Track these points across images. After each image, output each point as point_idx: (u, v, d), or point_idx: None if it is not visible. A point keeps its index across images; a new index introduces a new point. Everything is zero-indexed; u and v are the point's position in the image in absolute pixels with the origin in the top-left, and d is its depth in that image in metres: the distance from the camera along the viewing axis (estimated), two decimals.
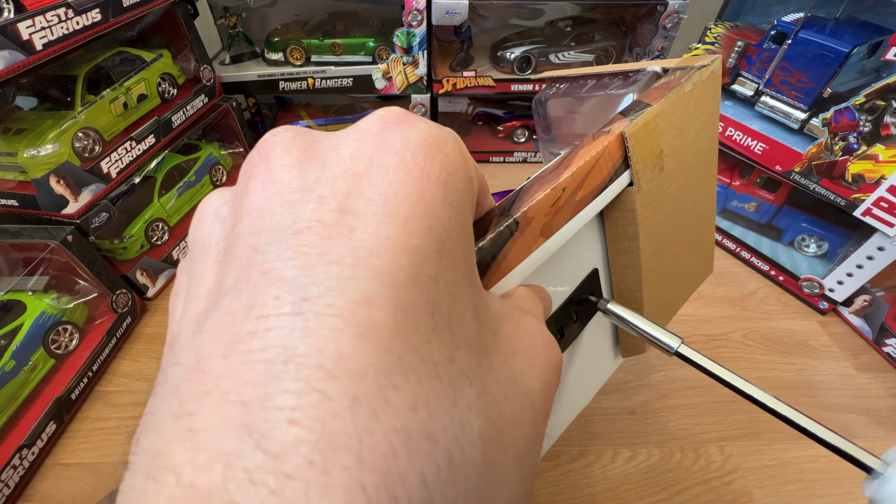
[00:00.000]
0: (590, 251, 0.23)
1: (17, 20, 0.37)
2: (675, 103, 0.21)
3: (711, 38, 0.56)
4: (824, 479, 0.38)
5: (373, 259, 0.09)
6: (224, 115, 0.65)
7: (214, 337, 0.08)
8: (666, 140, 0.21)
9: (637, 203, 0.21)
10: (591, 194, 0.19)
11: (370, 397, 0.07)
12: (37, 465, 0.38)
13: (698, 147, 0.24)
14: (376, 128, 0.11)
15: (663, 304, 0.28)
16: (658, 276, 0.25)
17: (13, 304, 0.41)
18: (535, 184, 0.18)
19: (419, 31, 0.62)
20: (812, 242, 0.54)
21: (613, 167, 0.19)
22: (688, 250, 0.27)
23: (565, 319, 0.23)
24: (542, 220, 0.17)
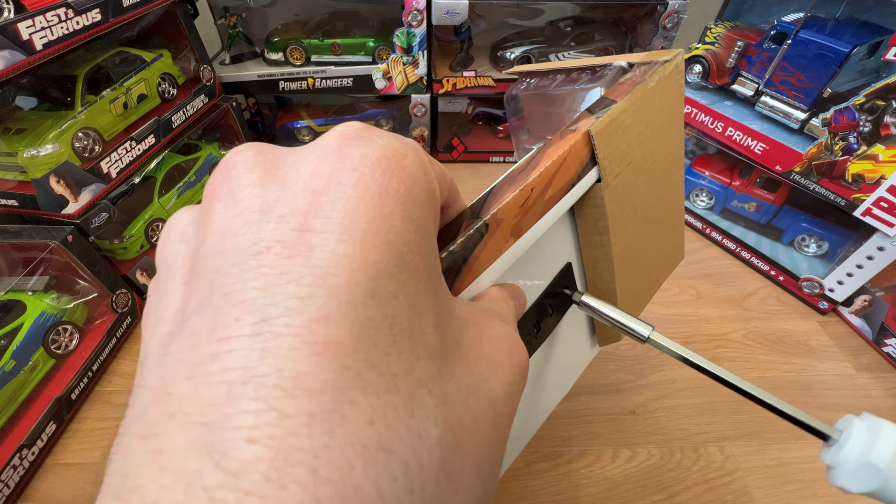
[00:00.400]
0: (563, 246, 0.24)
1: (17, 20, 0.37)
2: (640, 99, 0.22)
3: (711, 38, 0.56)
4: (824, 479, 0.38)
5: (330, 277, 0.09)
6: (224, 115, 0.65)
7: (178, 359, 0.09)
8: (632, 135, 0.22)
9: (606, 198, 0.22)
10: (559, 192, 0.19)
11: (327, 413, 0.08)
12: (37, 465, 0.38)
13: (664, 139, 0.24)
14: (335, 144, 0.11)
15: (637, 294, 0.29)
16: (630, 266, 0.26)
17: (13, 304, 0.41)
18: (504, 184, 0.18)
19: (419, 31, 0.62)
20: (812, 242, 0.54)
21: (581, 165, 0.20)
22: (658, 239, 0.28)
23: (541, 314, 0.23)
24: (511, 220, 0.17)
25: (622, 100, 0.21)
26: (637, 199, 0.24)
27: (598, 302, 0.23)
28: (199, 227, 0.11)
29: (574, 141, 0.19)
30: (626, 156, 0.22)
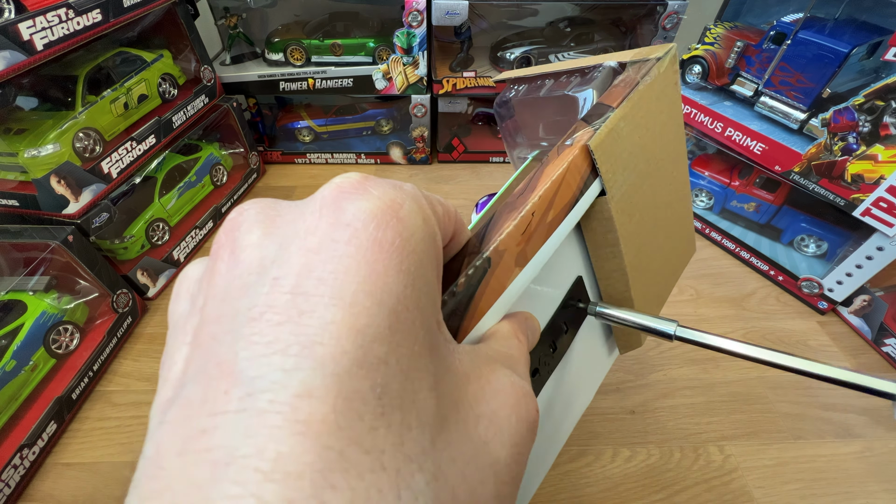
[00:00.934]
0: (572, 260, 0.23)
1: (18, 20, 0.37)
2: (637, 103, 0.21)
3: (711, 38, 0.56)
4: (823, 479, 0.38)
5: (317, 346, 0.08)
6: (224, 115, 0.65)
7: (172, 431, 0.09)
8: (633, 141, 0.21)
9: (612, 210, 0.21)
10: (562, 212, 0.18)
11: (305, 500, 0.07)
12: (37, 465, 0.38)
13: (665, 138, 0.24)
14: (331, 198, 0.11)
15: (653, 297, 0.28)
16: (644, 272, 0.25)
17: (14, 304, 0.41)
18: (503, 211, 0.18)
19: (419, 32, 0.62)
20: (811, 242, 0.54)
21: (582, 180, 0.19)
22: (669, 238, 0.28)
23: (555, 333, 0.23)
24: (515, 249, 0.17)
25: (619, 106, 0.20)
26: (644, 204, 0.23)
27: (616, 309, 0.23)
28: (205, 286, 0.11)
29: (572, 156, 0.18)
30: (629, 163, 0.21)
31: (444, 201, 0.14)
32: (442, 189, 0.71)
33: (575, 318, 0.24)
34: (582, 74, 0.26)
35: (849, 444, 0.40)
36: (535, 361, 0.22)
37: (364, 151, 0.76)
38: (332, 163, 0.76)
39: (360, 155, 0.76)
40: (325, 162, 0.76)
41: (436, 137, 0.76)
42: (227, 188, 0.66)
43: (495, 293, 0.16)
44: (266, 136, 0.75)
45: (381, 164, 0.76)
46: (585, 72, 0.26)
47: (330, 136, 0.77)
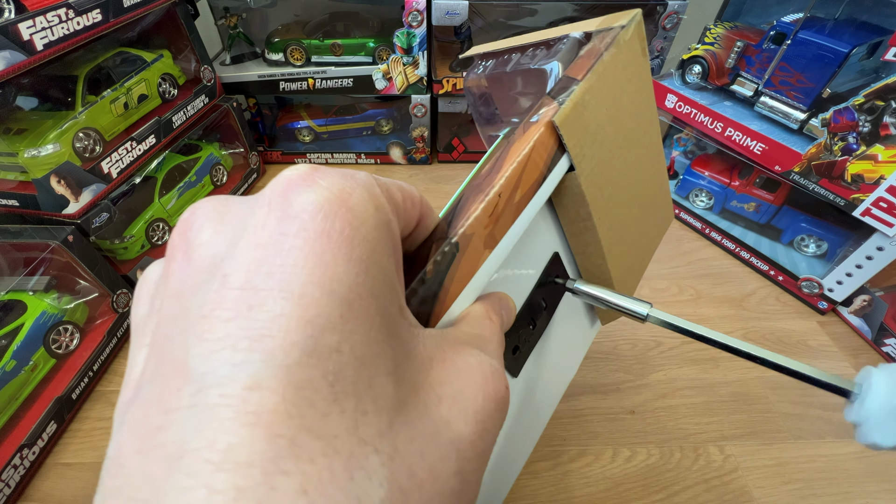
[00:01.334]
0: (547, 236, 0.23)
1: (18, 20, 0.37)
2: (602, 74, 0.20)
3: (711, 38, 0.56)
4: (823, 479, 0.38)
5: (265, 339, 0.08)
6: (224, 115, 0.65)
7: (130, 430, 0.09)
8: (600, 113, 0.20)
9: (582, 185, 0.21)
10: (530, 191, 0.18)
11: (255, 487, 0.07)
12: (38, 465, 0.38)
13: (635, 107, 0.23)
14: (281, 190, 0.11)
15: (631, 268, 0.28)
16: (619, 243, 0.25)
17: (14, 304, 0.41)
18: (470, 193, 0.17)
19: (419, 32, 0.62)
20: (811, 242, 0.55)
21: (549, 157, 0.19)
22: (645, 208, 0.28)
23: (534, 311, 0.23)
24: (483, 232, 0.16)
25: (584, 79, 0.19)
26: (616, 176, 0.23)
27: (593, 287, 0.23)
28: (161, 288, 0.11)
29: (538, 134, 0.18)
30: (597, 136, 0.21)
31: (407, 186, 0.14)
32: (442, 189, 0.71)
33: (553, 294, 0.24)
34: (547, 47, 0.25)
35: (849, 444, 0.40)
36: (515, 339, 0.22)
37: (364, 151, 0.76)
38: (332, 163, 0.76)
39: (360, 155, 0.76)
40: (325, 162, 0.76)
41: (436, 137, 0.76)
42: (227, 188, 0.66)
43: (465, 277, 0.16)
44: (266, 136, 0.75)
45: (381, 164, 0.76)
46: (551, 44, 0.25)
47: (330, 136, 0.77)
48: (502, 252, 0.18)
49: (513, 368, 0.22)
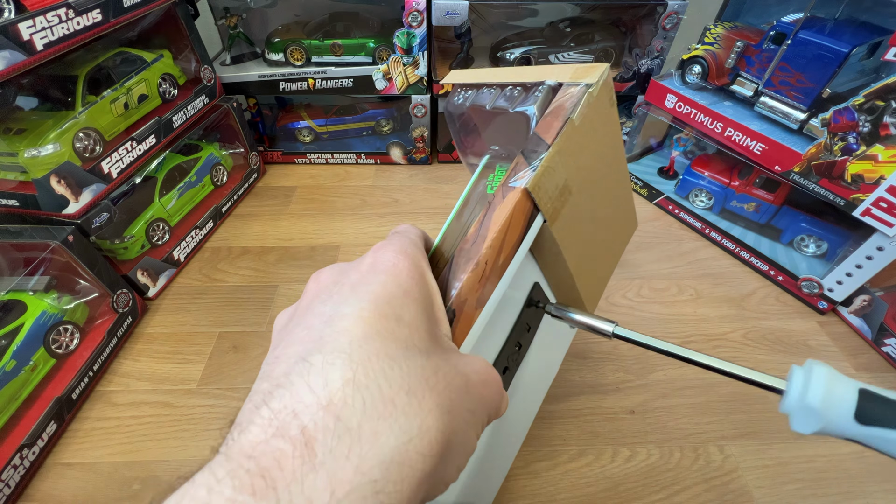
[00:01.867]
0: (528, 270, 0.27)
1: (18, 20, 0.37)
2: (570, 137, 0.23)
3: (711, 38, 0.56)
4: (823, 479, 0.38)
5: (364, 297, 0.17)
6: (225, 115, 0.65)
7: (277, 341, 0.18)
8: (569, 170, 0.23)
9: (554, 232, 0.24)
10: (511, 251, 0.21)
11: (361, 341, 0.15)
12: (37, 465, 0.38)
13: (602, 149, 0.26)
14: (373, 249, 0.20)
15: (598, 278, 0.33)
16: (588, 264, 0.29)
17: (14, 304, 0.41)
18: (461, 260, 0.21)
19: (419, 32, 0.62)
20: (811, 242, 0.55)
21: (526, 218, 0.22)
22: (611, 225, 0.32)
23: (520, 333, 0.27)
24: (474, 296, 0.20)
25: (553, 143, 0.22)
26: (584, 211, 0.26)
27: (566, 310, 0.27)
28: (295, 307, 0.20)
29: (515, 202, 0.21)
30: (567, 189, 0.24)
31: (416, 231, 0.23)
32: (442, 189, 0.71)
33: (535, 317, 0.29)
34: (525, 89, 0.27)
35: (848, 444, 0.40)
36: (504, 361, 0.27)
37: (364, 151, 0.76)
38: (333, 163, 0.76)
39: (361, 155, 0.76)
40: (325, 162, 0.76)
41: (436, 137, 0.76)
42: (227, 188, 0.66)
43: (463, 333, 0.20)
44: (266, 136, 0.75)
45: (381, 165, 0.76)
46: (528, 87, 0.27)
47: (330, 136, 0.77)
48: (491, 307, 0.21)
49: (505, 384, 0.27)
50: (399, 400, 0.14)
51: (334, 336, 0.15)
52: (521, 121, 0.26)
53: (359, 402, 0.13)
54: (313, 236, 0.62)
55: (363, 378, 0.14)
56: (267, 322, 0.50)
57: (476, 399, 0.17)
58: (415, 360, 0.15)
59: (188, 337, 0.49)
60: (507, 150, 0.31)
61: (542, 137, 0.23)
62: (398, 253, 0.19)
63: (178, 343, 0.48)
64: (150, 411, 0.42)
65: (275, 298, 0.53)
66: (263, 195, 0.69)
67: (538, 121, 0.24)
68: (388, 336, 0.15)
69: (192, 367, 0.46)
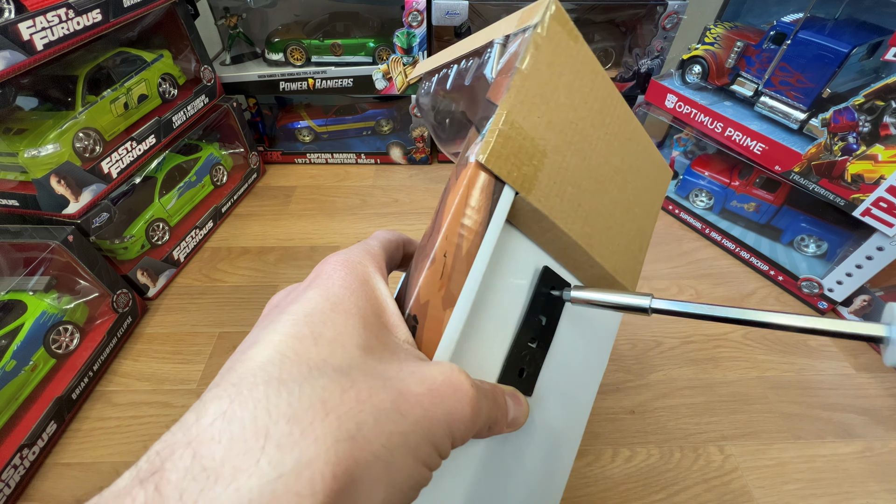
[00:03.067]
0: (525, 255, 0.22)
1: (18, 20, 0.37)
2: (523, 89, 0.19)
3: (711, 38, 0.56)
4: (823, 479, 0.38)
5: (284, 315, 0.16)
6: (224, 115, 0.65)
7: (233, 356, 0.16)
8: (532, 125, 0.19)
9: (535, 203, 0.20)
10: (477, 238, 0.18)
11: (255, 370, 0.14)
12: (37, 465, 0.38)
13: (580, 97, 0.22)
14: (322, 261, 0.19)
15: (630, 246, 0.27)
16: (606, 230, 0.24)
17: (14, 304, 0.41)
18: (418, 258, 0.18)
19: (419, 32, 0.62)
20: (811, 242, 0.55)
21: (487, 195, 0.18)
22: (629, 178, 0.26)
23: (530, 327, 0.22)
24: (438, 295, 0.17)
25: (501, 101, 0.18)
26: (575, 169, 0.22)
27: (587, 292, 0.22)
28: None
29: (467, 178, 0.18)
30: (537, 146, 0.20)
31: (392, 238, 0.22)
32: (441, 189, 0.71)
33: (552, 307, 0.24)
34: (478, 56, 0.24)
35: (849, 444, 0.40)
36: (518, 362, 0.22)
37: (364, 151, 0.76)
38: (332, 163, 0.76)
39: (360, 155, 0.76)
40: (325, 162, 0.76)
41: None
42: (227, 188, 0.66)
43: (434, 340, 0.17)
44: (266, 136, 0.75)
45: (381, 164, 0.76)
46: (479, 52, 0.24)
47: (330, 136, 0.77)
48: (465, 304, 0.18)
49: (525, 389, 0.22)
50: (274, 430, 0.12)
51: (237, 366, 0.14)
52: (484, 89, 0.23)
53: (226, 436, 0.12)
54: (313, 236, 0.62)
55: (238, 409, 0.12)
56: None
57: (416, 416, 0.15)
58: (316, 381, 0.13)
59: (188, 337, 0.49)
60: None
61: (492, 100, 0.19)
62: (337, 264, 0.18)
63: (177, 343, 0.48)
64: (150, 411, 0.42)
65: None
66: (263, 195, 0.69)
67: None
68: (294, 359, 0.14)
69: (192, 368, 0.46)
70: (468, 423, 0.16)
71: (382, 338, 0.17)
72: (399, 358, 0.16)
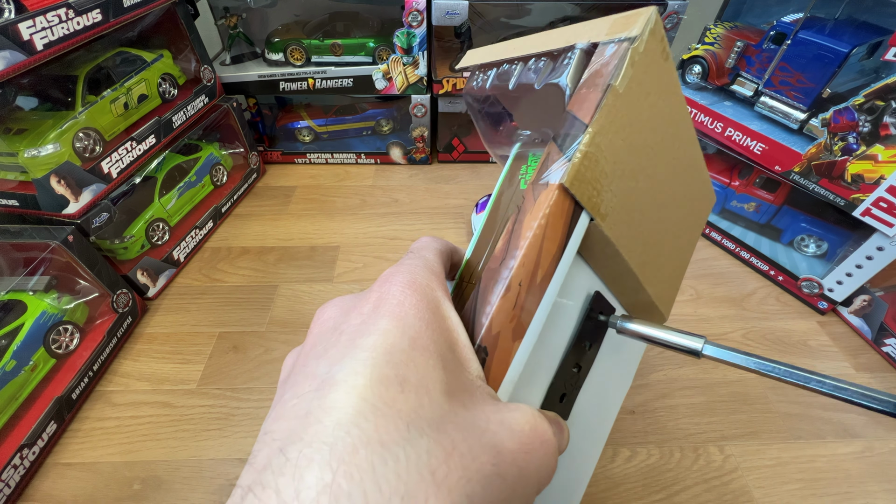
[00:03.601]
0: (582, 278, 0.22)
1: (18, 20, 0.37)
2: (614, 109, 0.18)
3: (711, 38, 0.56)
4: (823, 479, 0.38)
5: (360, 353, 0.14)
6: (224, 115, 0.65)
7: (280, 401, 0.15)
8: (617, 151, 0.19)
9: (606, 231, 0.19)
10: (552, 265, 0.17)
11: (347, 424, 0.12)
12: (37, 465, 0.38)
13: (661, 120, 0.21)
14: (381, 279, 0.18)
15: (672, 274, 0.26)
16: (656, 258, 0.24)
17: (14, 304, 0.41)
18: (489, 282, 0.17)
19: (419, 32, 0.62)
20: (811, 242, 0.54)
21: (566, 222, 0.17)
22: (681, 208, 0.25)
23: (579, 354, 0.22)
24: (509, 326, 0.16)
25: (592, 121, 0.17)
26: (645, 195, 0.21)
27: (639, 325, 0.21)
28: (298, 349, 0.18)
29: (550, 202, 0.17)
30: (615, 172, 0.19)
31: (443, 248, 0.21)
32: (442, 189, 0.71)
33: (596, 332, 0.23)
34: (552, 58, 0.22)
35: (849, 444, 0.40)
36: (561, 387, 0.22)
37: (364, 151, 0.76)
38: (332, 163, 0.76)
39: (360, 155, 0.76)
40: (325, 162, 0.76)
41: (436, 137, 0.76)
42: (227, 188, 0.66)
43: (500, 373, 0.17)
44: (266, 136, 0.75)
45: (381, 164, 0.76)
46: (555, 55, 0.22)
47: (330, 136, 0.77)
48: (533, 336, 0.17)
49: (563, 413, 0.22)
50: None
51: (320, 414, 0.12)
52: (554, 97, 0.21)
53: None
54: (313, 236, 0.62)
55: (344, 482, 0.11)
56: (267, 322, 0.50)
57: (514, 478, 0.14)
58: (418, 443, 0.12)
59: (188, 337, 0.49)
60: (542, 135, 0.26)
61: (578, 116, 0.18)
62: (405, 287, 0.16)
63: (177, 343, 0.48)
64: (150, 411, 0.42)
65: (274, 298, 0.53)
66: (263, 195, 0.69)
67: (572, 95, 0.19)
68: (386, 411, 0.13)
69: (192, 368, 0.46)
70: (552, 473, 0.15)
71: (459, 376, 0.15)
72: (477, 399, 0.15)
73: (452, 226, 0.63)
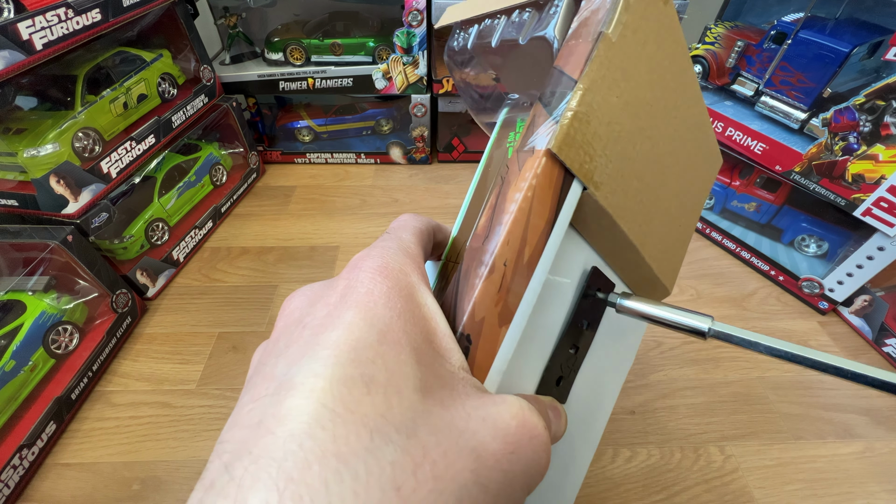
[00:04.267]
0: (577, 253, 0.20)
1: (17, 20, 0.37)
2: (607, 61, 0.16)
3: (711, 38, 0.56)
4: (824, 479, 0.38)
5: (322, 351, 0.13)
6: (224, 115, 0.65)
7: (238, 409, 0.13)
8: (610, 107, 0.16)
9: (601, 200, 0.17)
10: (540, 241, 0.15)
11: (301, 436, 0.11)
12: (37, 465, 0.38)
13: (661, 71, 0.19)
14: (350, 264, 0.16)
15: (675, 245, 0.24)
16: (658, 228, 0.22)
17: (13, 304, 0.41)
18: (471, 264, 0.15)
19: (419, 32, 0.62)
20: (812, 242, 0.54)
21: (556, 190, 0.15)
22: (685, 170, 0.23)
23: (575, 335, 0.21)
24: (494, 311, 0.15)
25: (582, 76, 0.15)
26: (644, 158, 0.19)
27: (640, 303, 0.19)
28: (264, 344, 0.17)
29: (536, 171, 0.15)
30: (611, 134, 0.17)
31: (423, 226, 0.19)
32: (442, 189, 0.71)
33: (594, 311, 0.21)
34: (538, 8, 0.20)
35: (849, 444, 0.40)
36: (557, 370, 0.20)
37: (364, 151, 0.76)
38: (332, 162, 0.76)
39: (360, 155, 0.76)
40: (324, 162, 0.76)
41: (436, 137, 0.76)
42: (226, 188, 0.66)
43: (486, 361, 0.15)
44: (266, 136, 0.75)
45: (381, 164, 0.76)
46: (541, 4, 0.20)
47: (330, 135, 0.77)
48: (521, 320, 0.16)
49: (560, 397, 0.21)
50: None
51: (272, 424, 0.11)
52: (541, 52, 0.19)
53: None
54: (313, 236, 0.61)
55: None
56: (266, 322, 0.50)
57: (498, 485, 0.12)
58: (382, 453, 0.11)
59: (187, 337, 0.49)
60: (531, 97, 0.23)
61: (565, 71, 0.16)
62: (375, 273, 0.15)
63: (177, 343, 0.48)
64: (150, 411, 0.42)
65: (274, 298, 0.53)
66: (263, 195, 0.69)
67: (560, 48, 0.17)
68: (348, 418, 0.11)
69: (192, 368, 0.46)
70: (544, 471, 0.14)
71: (437, 369, 0.14)
72: (458, 393, 0.14)
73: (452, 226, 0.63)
